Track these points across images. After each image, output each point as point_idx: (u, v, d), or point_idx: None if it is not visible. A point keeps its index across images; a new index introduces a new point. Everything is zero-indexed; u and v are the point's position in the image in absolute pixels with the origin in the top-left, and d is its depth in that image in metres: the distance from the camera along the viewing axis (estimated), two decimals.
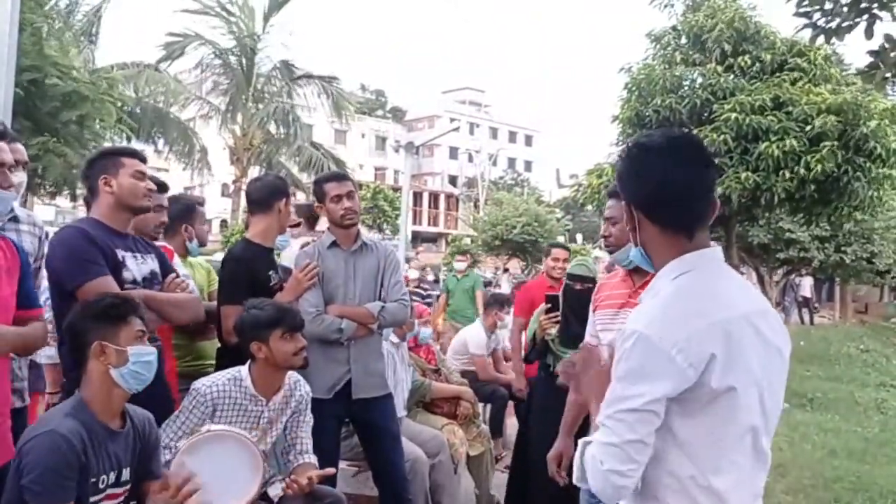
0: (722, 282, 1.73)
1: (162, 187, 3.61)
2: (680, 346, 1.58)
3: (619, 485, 1.62)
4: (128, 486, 2.38)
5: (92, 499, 2.24)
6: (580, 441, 1.73)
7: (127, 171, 2.84)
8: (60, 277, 2.69)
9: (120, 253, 2.80)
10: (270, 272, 3.52)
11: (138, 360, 2.31)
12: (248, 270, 3.42)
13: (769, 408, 1.70)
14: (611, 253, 2.83)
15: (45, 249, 2.94)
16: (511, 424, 6.63)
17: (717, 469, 1.65)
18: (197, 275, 3.92)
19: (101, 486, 2.25)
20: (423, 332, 4.64)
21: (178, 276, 3.01)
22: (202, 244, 3.98)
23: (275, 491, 2.97)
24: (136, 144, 22.75)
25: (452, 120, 51.29)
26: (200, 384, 2.99)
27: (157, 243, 3.49)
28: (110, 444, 2.29)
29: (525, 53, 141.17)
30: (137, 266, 2.86)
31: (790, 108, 10.78)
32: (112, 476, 2.30)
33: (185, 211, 3.83)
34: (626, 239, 2.65)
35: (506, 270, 28.31)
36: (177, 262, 3.52)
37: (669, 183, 1.70)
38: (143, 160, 2.95)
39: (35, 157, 9.96)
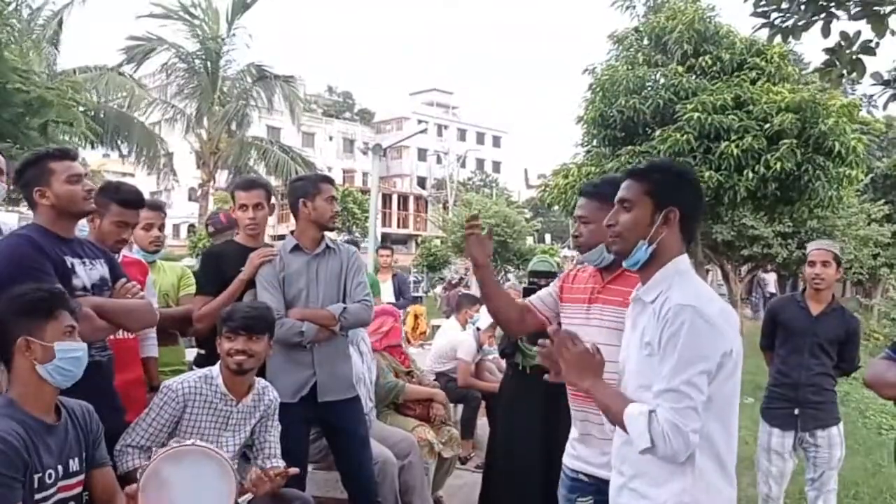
0: None
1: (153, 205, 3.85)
2: (724, 317, 1.94)
3: (696, 442, 1.87)
4: (81, 477, 2.34)
5: (42, 494, 2.19)
6: (641, 412, 1.90)
7: (59, 177, 2.69)
8: (4, 285, 2.48)
9: (69, 260, 2.71)
10: (243, 268, 3.61)
11: (65, 355, 2.24)
12: (216, 265, 3.68)
13: None
14: (581, 252, 2.79)
15: None
16: (481, 425, 6.67)
17: (732, 427, 1.99)
18: (165, 279, 3.88)
19: (48, 480, 2.21)
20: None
21: (128, 281, 2.93)
22: (148, 250, 3.81)
23: (244, 498, 2.95)
24: (99, 150, 22.39)
25: (420, 122, 51.31)
26: (171, 382, 3.00)
27: (129, 254, 3.48)
28: (49, 438, 2.24)
29: (492, 55, 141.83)
30: (87, 272, 2.78)
31: (750, 107, 10.96)
32: (60, 469, 2.26)
33: None
34: (597, 239, 2.64)
35: None
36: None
37: (703, 198, 2.23)
38: (74, 158, 2.79)
39: None
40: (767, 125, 10.73)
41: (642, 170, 2.16)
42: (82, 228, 3.21)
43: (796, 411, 4.26)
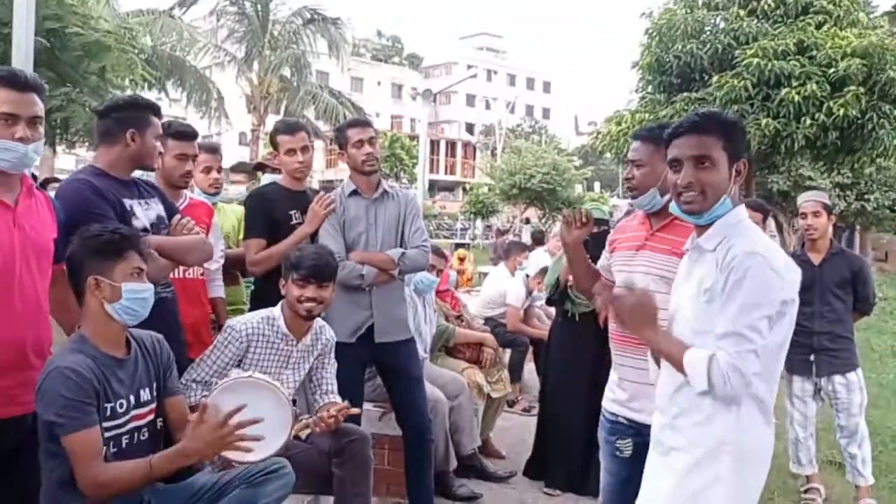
0: None
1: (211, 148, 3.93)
2: (786, 265, 2.00)
3: (755, 384, 1.93)
4: (153, 406, 2.45)
5: (115, 422, 2.31)
6: (701, 356, 1.94)
7: (153, 131, 2.82)
8: (69, 231, 2.53)
9: (128, 202, 2.79)
10: (292, 211, 3.63)
11: (132, 296, 2.31)
12: (265, 207, 3.62)
13: None
14: (633, 198, 2.77)
15: None
16: (528, 370, 6.78)
17: (775, 374, 2.04)
18: (226, 220, 3.98)
19: (120, 409, 2.32)
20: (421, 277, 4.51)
21: (182, 218, 2.99)
22: (208, 193, 3.89)
23: (303, 430, 3.10)
24: (152, 93, 22.68)
25: (469, 67, 50.60)
26: (235, 321, 3.11)
27: (194, 196, 3.59)
28: (119, 370, 2.34)
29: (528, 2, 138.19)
30: (144, 213, 2.86)
31: (814, 53, 10.57)
32: (132, 399, 2.36)
33: None
34: (649, 183, 2.66)
35: (527, 221, 28.22)
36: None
37: None
38: (161, 119, 2.94)
39: (59, 108, 9.98)
40: (831, 70, 10.34)
41: (713, 122, 2.10)
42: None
43: (811, 357, 4.40)
